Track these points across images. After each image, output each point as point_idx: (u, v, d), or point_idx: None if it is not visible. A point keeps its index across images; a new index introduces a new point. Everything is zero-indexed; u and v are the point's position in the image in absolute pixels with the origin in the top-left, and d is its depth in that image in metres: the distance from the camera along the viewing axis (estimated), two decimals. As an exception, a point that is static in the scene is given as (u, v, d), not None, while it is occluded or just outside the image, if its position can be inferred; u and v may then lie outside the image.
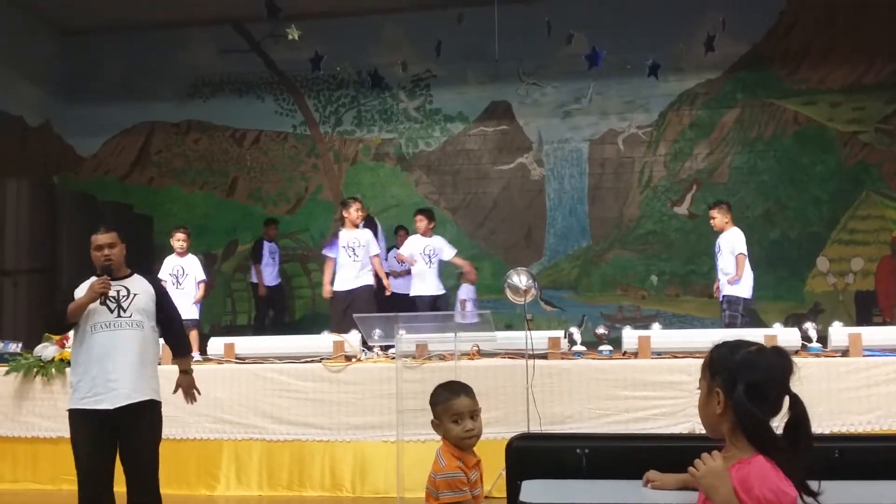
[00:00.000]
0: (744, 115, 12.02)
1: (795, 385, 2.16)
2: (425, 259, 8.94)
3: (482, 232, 12.39)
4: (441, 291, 9.04)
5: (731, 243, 8.29)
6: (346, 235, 8.50)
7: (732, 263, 8.21)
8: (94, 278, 4.38)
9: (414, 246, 9.07)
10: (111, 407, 4.23)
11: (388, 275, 9.09)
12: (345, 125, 12.89)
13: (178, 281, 8.57)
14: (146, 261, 9.43)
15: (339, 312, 8.05)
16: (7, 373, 6.70)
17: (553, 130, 12.40)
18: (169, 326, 4.61)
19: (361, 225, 8.72)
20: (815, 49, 11.89)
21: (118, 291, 4.38)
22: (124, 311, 4.35)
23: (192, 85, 13.13)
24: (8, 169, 11.37)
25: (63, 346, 6.74)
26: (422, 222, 9.06)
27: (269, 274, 11.27)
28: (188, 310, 8.45)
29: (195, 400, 4.76)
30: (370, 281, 8.52)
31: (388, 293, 8.88)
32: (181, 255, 8.82)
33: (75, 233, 10.87)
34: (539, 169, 12.41)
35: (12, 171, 11.22)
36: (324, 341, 6.76)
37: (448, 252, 9.10)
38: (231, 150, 13.07)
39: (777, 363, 2.19)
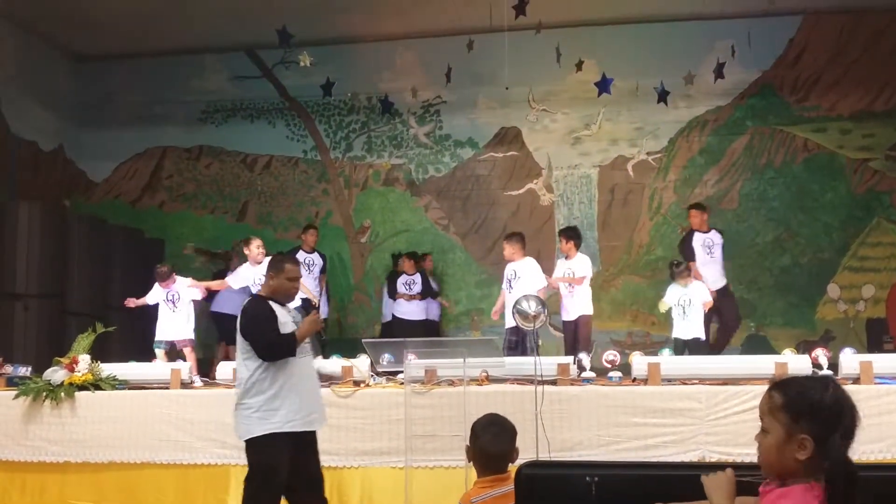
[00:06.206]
0: (753, 141, 12.01)
1: None
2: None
3: (492, 257, 12.37)
4: None
5: (532, 273, 8.44)
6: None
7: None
8: (312, 314, 4.83)
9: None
10: (319, 428, 4.61)
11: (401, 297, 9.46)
12: (355, 150, 12.93)
13: (174, 304, 8.57)
14: (156, 285, 9.44)
15: None
16: (16, 396, 6.69)
17: (563, 156, 12.41)
18: None
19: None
20: (825, 76, 11.89)
21: (296, 321, 4.74)
22: None
23: (204, 111, 13.21)
24: (20, 193, 11.47)
25: (72, 371, 6.74)
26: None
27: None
28: (184, 330, 8.53)
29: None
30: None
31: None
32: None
33: (86, 257, 10.92)
34: (549, 195, 12.41)
35: (25, 195, 11.31)
36: (332, 366, 6.76)
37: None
38: (242, 175, 13.12)
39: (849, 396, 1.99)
